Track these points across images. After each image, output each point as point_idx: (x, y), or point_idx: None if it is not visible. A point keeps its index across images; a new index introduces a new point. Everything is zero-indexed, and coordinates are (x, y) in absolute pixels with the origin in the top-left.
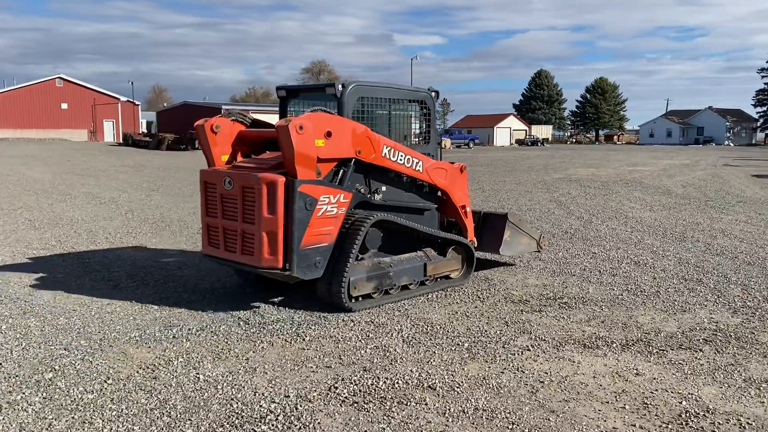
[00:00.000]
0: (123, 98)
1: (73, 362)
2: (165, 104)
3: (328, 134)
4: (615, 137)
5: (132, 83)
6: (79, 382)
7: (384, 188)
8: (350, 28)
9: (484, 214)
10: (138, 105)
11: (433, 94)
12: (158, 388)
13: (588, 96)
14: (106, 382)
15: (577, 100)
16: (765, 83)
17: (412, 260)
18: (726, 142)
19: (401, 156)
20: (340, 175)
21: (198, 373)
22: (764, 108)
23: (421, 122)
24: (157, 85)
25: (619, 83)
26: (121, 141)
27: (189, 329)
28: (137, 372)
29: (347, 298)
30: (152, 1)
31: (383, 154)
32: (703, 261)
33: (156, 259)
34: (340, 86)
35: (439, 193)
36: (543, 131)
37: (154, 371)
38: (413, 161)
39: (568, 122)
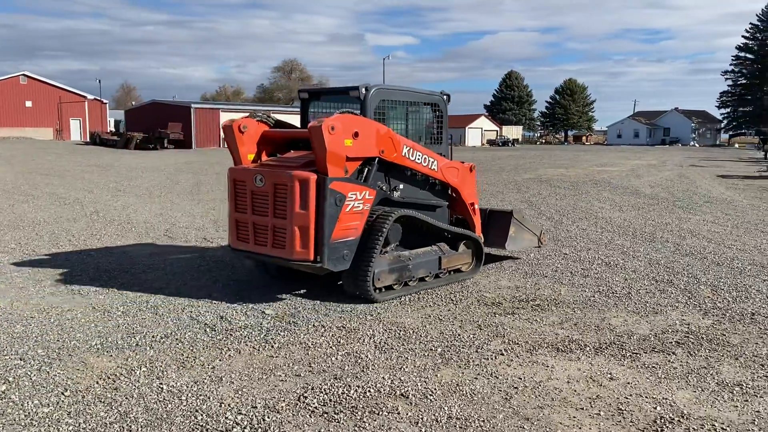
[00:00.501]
0: (90, 96)
1: (29, 373)
2: (133, 103)
3: (356, 134)
4: (583, 138)
5: (99, 81)
6: (35, 395)
7: (401, 186)
8: (322, 27)
9: (490, 212)
10: (106, 103)
11: (444, 97)
12: (119, 399)
13: (557, 97)
14: (63, 394)
15: (546, 101)
16: (728, 85)
17: (428, 254)
18: (691, 143)
19: (419, 155)
20: (365, 173)
21: (161, 383)
22: (728, 109)
23: (434, 124)
24: (125, 83)
25: (587, 84)
26: (88, 140)
27: (153, 336)
28: (97, 383)
29: (372, 289)
30: None
31: (403, 154)
32: (673, 262)
33: (120, 263)
34: (363, 89)
35: (450, 191)
36: (513, 132)
37: (115, 382)
38: (429, 160)
39: (538, 123)
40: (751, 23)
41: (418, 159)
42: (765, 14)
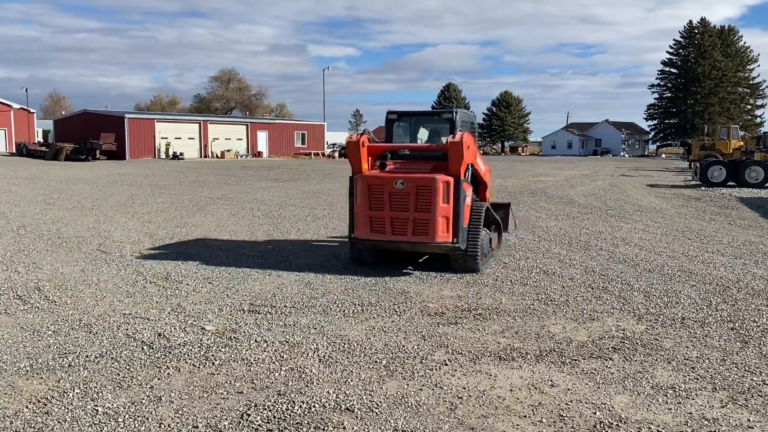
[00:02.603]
0: (16, 105)
1: None
2: (63, 112)
3: (468, 147)
4: (520, 149)
5: (26, 90)
6: None
7: None
8: (263, 37)
9: (492, 204)
10: (33, 113)
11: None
12: (50, 424)
13: (494, 109)
14: None
15: (483, 113)
16: (655, 98)
17: (486, 235)
18: (621, 153)
19: (480, 161)
20: (467, 176)
21: (96, 405)
22: (655, 121)
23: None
24: (54, 92)
25: (523, 97)
26: (14, 151)
27: (87, 356)
28: (27, 407)
29: (479, 262)
30: (52, 4)
31: (477, 160)
32: (608, 269)
33: (51, 279)
34: (454, 113)
35: (480, 187)
36: None
37: (46, 405)
38: (482, 164)
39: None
40: (674, 39)
41: (480, 163)
42: (687, 31)
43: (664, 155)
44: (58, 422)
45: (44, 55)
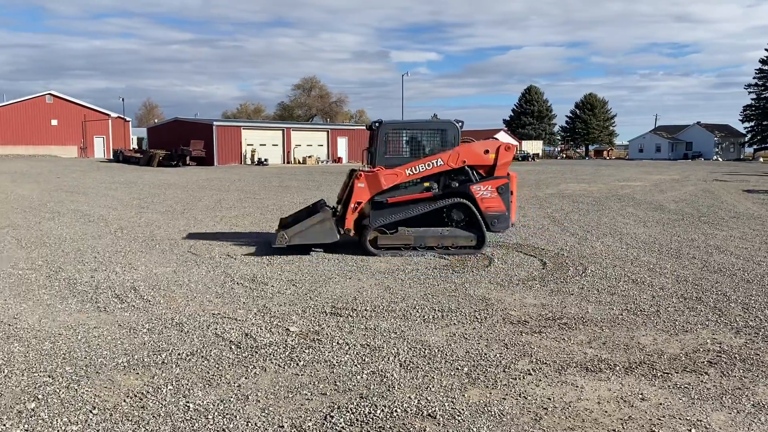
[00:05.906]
0: (113, 114)
1: (57, 390)
2: (156, 120)
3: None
4: (604, 152)
5: (123, 99)
6: (63, 413)
7: None
8: (347, 45)
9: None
10: (129, 121)
11: None
12: (146, 418)
13: (577, 111)
14: (91, 411)
15: (566, 116)
16: (752, 99)
17: None
18: (714, 157)
19: None
20: None
21: (188, 402)
22: (752, 123)
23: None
24: (148, 100)
25: (610, 99)
26: (111, 157)
27: (179, 354)
28: (124, 401)
29: None
30: (149, 17)
31: None
32: (701, 279)
33: (146, 279)
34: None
35: None
36: (533, 146)
37: (142, 400)
38: None
39: (558, 137)
40: None
41: None
42: None
43: (761, 159)
44: (153, 416)
45: (141, 65)
